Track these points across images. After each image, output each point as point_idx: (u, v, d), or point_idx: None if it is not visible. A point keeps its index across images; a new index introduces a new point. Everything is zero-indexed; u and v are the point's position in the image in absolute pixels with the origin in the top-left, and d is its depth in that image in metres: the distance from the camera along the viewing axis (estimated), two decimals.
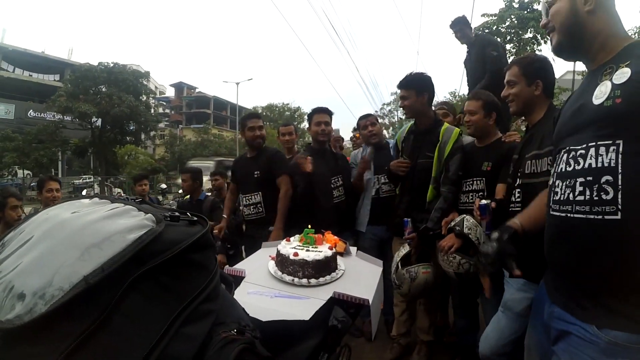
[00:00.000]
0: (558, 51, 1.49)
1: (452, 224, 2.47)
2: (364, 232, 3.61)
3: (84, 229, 0.68)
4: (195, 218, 0.83)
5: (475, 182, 2.78)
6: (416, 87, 2.96)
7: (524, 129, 5.64)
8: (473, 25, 4.93)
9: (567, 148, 1.35)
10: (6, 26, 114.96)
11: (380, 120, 3.88)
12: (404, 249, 2.87)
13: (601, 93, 1.25)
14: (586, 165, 1.25)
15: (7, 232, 0.78)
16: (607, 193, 1.19)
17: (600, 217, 1.20)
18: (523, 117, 2.43)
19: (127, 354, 0.62)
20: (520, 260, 1.55)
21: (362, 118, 3.84)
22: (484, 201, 2.27)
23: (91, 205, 0.79)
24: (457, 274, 2.44)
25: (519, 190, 2.10)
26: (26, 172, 28.74)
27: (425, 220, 2.89)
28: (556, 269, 1.43)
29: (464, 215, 2.48)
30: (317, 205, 3.56)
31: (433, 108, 3.26)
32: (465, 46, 4.98)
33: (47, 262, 0.64)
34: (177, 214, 0.80)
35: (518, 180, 2.11)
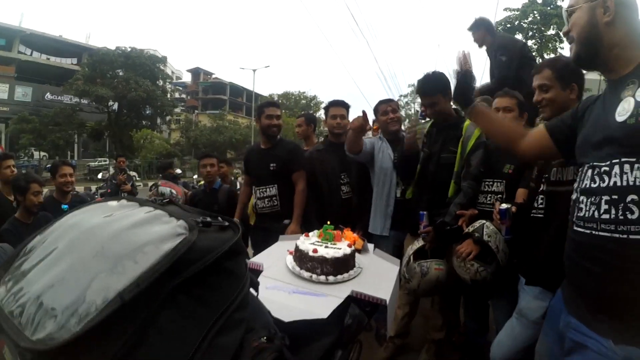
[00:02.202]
0: (576, 62, 1.51)
1: (471, 229, 2.41)
2: (384, 235, 3.36)
3: (115, 238, 0.66)
4: (227, 223, 0.80)
5: (495, 183, 2.72)
6: (442, 90, 2.87)
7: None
8: (495, 20, 4.72)
9: (591, 164, 1.34)
10: (24, 10, 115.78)
11: None
12: (418, 243, 2.82)
13: (624, 110, 1.24)
14: (611, 183, 1.24)
15: (32, 238, 0.75)
16: (632, 212, 1.18)
17: (625, 236, 1.19)
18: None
19: None
20: (537, 269, 1.58)
21: (381, 103, 3.56)
22: (504, 205, 2.24)
23: (119, 208, 0.77)
24: (473, 281, 2.37)
25: (542, 196, 2.06)
26: (42, 153, 29.15)
27: (443, 214, 2.81)
28: (576, 283, 1.42)
29: (484, 221, 2.42)
30: (324, 200, 3.54)
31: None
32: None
33: (78, 275, 0.61)
34: (208, 219, 0.78)
35: (542, 186, 2.08)
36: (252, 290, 0.90)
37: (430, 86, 2.89)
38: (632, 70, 1.30)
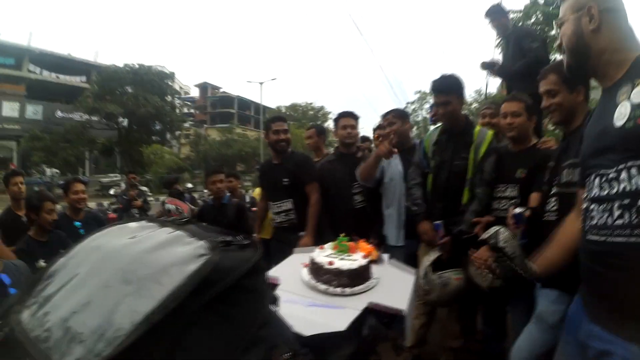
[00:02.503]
0: (569, 72, 1.52)
1: (486, 236, 2.39)
2: (397, 245, 3.32)
3: (138, 261, 0.66)
4: (247, 242, 0.81)
5: (508, 188, 2.71)
6: (457, 90, 2.86)
7: (551, 127, 5.45)
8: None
9: (598, 172, 1.33)
10: (32, 29, 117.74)
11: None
12: (434, 254, 2.78)
13: (621, 115, 1.23)
14: (621, 189, 1.23)
15: (54, 261, 0.75)
16: None
17: None
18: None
19: None
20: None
21: (384, 115, 3.63)
22: (518, 209, 2.22)
23: (140, 230, 0.77)
24: (491, 288, 2.34)
25: (555, 198, 2.05)
26: (54, 170, 29.46)
27: (459, 222, 2.80)
28: (596, 291, 1.40)
29: (499, 227, 2.39)
30: (336, 210, 3.54)
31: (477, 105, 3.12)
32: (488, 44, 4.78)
33: (103, 299, 0.61)
34: (228, 238, 0.78)
35: (554, 188, 2.06)
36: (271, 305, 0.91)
37: (446, 84, 2.88)
38: (625, 74, 1.29)
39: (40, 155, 27.62)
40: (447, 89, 2.86)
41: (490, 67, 4.48)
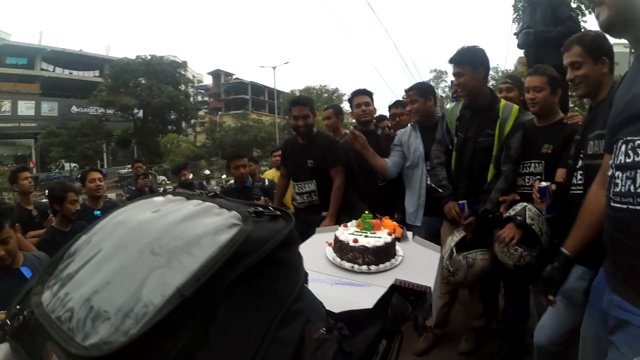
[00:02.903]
0: (607, 27, 1.38)
1: (512, 213, 2.34)
2: (414, 225, 3.27)
3: (167, 233, 0.61)
4: (278, 212, 0.78)
5: (533, 164, 2.64)
6: (471, 62, 2.75)
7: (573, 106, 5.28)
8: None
9: (625, 139, 1.29)
10: (43, 29, 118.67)
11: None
12: (459, 234, 2.75)
13: None
14: None
15: (76, 239, 0.71)
16: None
17: None
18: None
19: None
20: None
21: (407, 90, 3.46)
22: (543, 183, 2.19)
23: (166, 203, 0.73)
24: (517, 266, 2.29)
25: (581, 172, 2.01)
26: (73, 164, 29.96)
27: (484, 201, 2.74)
28: (617, 260, 1.37)
29: (525, 203, 2.34)
30: (360, 189, 3.52)
31: (494, 82, 3.03)
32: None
33: (130, 274, 0.56)
34: (260, 208, 0.75)
35: (580, 161, 2.01)
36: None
37: (460, 55, 2.80)
38: None
39: (59, 150, 28.07)
40: (461, 59, 2.78)
41: (526, 35, 4.26)
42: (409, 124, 3.51)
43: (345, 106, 4.36)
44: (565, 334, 1.94)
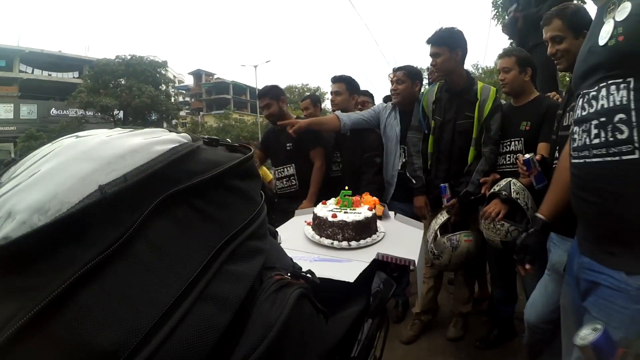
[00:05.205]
0: None
1: (497, 188, 2.31)
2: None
3: (103, 145, 0.53)
4: (236, 144, 0.70)
5: (513, 142, 2.65)
6: (448, 43, 2.72)
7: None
8: None
9: (581, 92, 1.29)
10: (21, 30, 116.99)
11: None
12: (442, 217, 2.72)
13: (605, 33, 1.19)
14: (599, 107, 1.20)
15: (15, 161, 0.62)
16: (621, 132, 1.13)
17: (617, 158, 1.15)
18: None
19: (155, 290, 0.47)
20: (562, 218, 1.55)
21: (395, 70, 3.34)
22: (527, 155, 2.17)
23: (111, 131, 0.62)
24: (504, 242, 2.26)
25: (558, 145, 1.98)
26: None
27: (465, 183, 2.71)
28: (581, 217, 1.35)
29: (510, 178, 2.31)
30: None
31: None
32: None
33: (53, 176, 0.48)
34: (215, 137, 0.67)
35: (557, 134, 2.00)
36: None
37: (438, 36, 2.76)
38: None
39: None
40: (438, 40, 2.75)
41: (514, 20, 4.13)
42: (389, 103, 3.39)
43: (327, 104, 4.29)
44: (556, 310, 1.89)
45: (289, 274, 0.67)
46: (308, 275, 0.73)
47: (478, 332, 3.10)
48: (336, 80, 3.53)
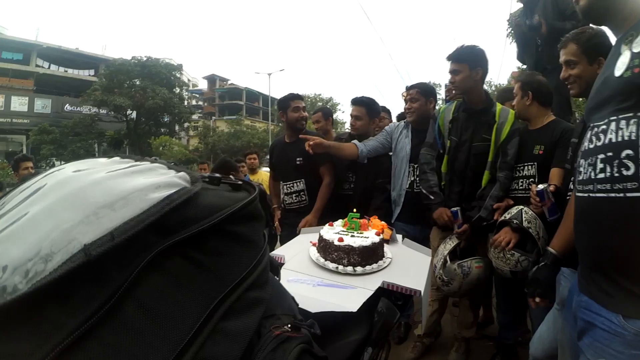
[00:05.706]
0: (585, 12, 1.33)
1: (508, 216, 2.25)
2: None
3: (93, 186, 0.48)
4: (240, 182, 0.64)
5: (526, 167, 2.59)
6: (469, 60, 2.67)
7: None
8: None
9: (591, 125, 1.25)
10: (40, 25, 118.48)
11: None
12: (451, 242, 2.66)
13: (622, 64, 1.16)
14: (606, 141, 1.16)
15: (6, 193, 0.58)
16: (627, 168, 1.09)
17: (621, 194, 1.11)
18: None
19: (143, 359, 0.42)
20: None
21: (408, 88, 3.32)
22: (540, 186, 2.11)
23: (109, 164, 0.59)
24: (514, 272, 2.20)
25: (573, 176, 1.93)
26: (63, 163, 29.82)
27: (478, 208, 2.65)
28: (581, 253, 1.31)
29: (521, 206, 2.26)
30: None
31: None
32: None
33: (37, 226, 0.44)
34: (217, 175, 0.62)
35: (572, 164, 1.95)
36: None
37: (459, 53, 2.72)
38: (635, 24, 1.18)
39: (50, 148, 27.85)
40: (459, 57, 2.70)
41: (536, 28, 3.89)
42: (402, 122, 3.36)
43: (339, 115, 4.25)
44: None
45: (289, 325, 0.62)
46: (311, 329, 0.67)
47: (480, 358, 3.04)
48: (357, 102, 3.43)
